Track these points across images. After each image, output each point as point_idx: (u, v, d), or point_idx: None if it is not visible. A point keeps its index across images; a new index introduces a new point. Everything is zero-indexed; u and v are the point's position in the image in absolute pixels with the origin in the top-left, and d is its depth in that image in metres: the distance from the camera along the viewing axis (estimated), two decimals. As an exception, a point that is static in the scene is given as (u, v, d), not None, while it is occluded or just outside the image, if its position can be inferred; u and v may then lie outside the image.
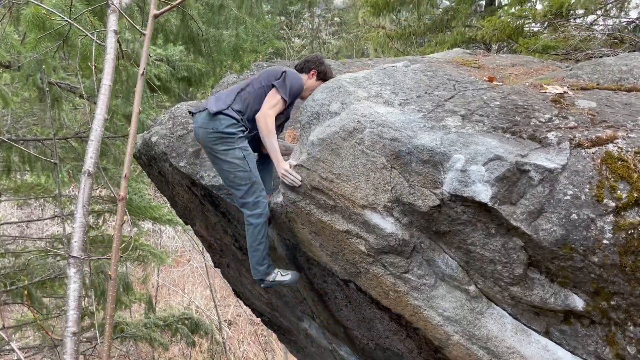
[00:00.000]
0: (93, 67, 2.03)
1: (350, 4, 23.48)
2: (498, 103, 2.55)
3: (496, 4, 13.18)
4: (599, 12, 7.20)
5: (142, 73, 1.56)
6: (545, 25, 7.78)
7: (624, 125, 2.31)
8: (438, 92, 2.75)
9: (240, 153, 2.91)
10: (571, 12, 7.33)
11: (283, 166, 2.79)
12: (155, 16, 1.62)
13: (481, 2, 13.58)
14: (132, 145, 2.00)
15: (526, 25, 8.30)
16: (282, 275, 3.08)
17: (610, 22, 6.92)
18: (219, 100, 2.97)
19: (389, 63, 6.39)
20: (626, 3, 6.86)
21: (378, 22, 15.79)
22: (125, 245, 3.44)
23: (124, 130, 5.44)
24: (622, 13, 7.11)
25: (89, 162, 2.08)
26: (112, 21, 2.07)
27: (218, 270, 5.36)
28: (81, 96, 5.26)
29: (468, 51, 7.97)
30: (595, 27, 7.68)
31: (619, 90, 2.69)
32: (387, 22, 15.76)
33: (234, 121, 2.92)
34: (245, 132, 2.99)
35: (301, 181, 2.71)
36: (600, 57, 5.84)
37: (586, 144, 2.21)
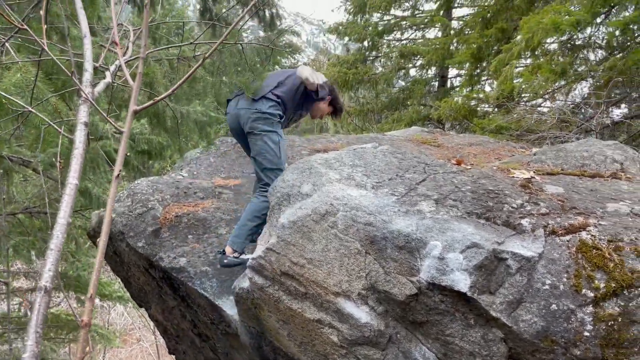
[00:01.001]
0: (58, 163, 1.88)
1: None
2: (469, 187, 2.56)
3: (448, 86, 13.93)
4: (547, 95, 7.68)
5: (117, 175, 1.43)
6: (497, 107, 8.20)
7: (593, 212, 2.34)
8: (409, 175, 2.74)
9: (276, 137, 3.28)
10: (521, 95, 7.78)
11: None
12: (136, 112, 1.53)
13: (434, 83, 14.33)
14: (101, 261, 1.72)
15: (480, 107, 8.74)
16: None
17: (558, 103, 7.35)
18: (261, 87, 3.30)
19: (352, 140, 6.50)
20: (571, 90, 7.35)
21: (338, 98, 16.31)
22: None
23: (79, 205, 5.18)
24: (569, 97, 7.60)
25: (47, 275, 1.68)
26: (83, 112, 1.92)
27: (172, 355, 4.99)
28: (35, 170, 5.02)
29: (426, 130, 8.25)
30: (544, 109, 8.16)
31: (583, 176, 2.76)
32: (346, 99, 16.32)
33: (275, 103, 3.29)
34: (283, 118, 3.37)
35: (270, 265, 2.58)
36: (554, 139, 6.14)
37: (560, 232, 2.21)
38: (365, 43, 13.69)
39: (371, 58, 14.13)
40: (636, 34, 7.24)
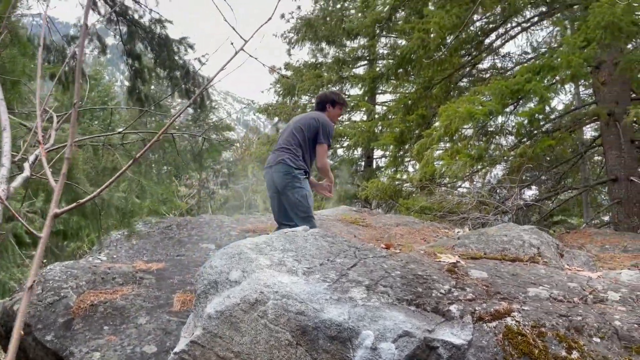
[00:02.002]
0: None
1: (239, 158, 24.45)
2: (399, 272, 2.58)
3: (374, 166, 14.49)
4: (465, 178, 8.17)
5: (30, 286, 1.30)
6: (421, 188, 8.57)
7: (516, 297, 2.42)
8: (340, 260, 2.73)
9: (304, 192, 4.08)
10: (442, 178, 8.22)
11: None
12: (56, 215, 1.43)
13: (361, 163, 14.88)
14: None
15: (404, 187, 9.11)
16: None
17: (477, 186, 7.82)
18: (288, 156, 4.12)
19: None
20: (487, 173, 7.86)
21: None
22: None
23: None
24: (486, 180, 8.11)
25: None
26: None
27: None
28: None
29: (354, 209, 8.42)
30: (463, 189, 8.63)
31: (504, 260, 2.88)
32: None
33: (302, 168, 4.15)
34: (306, 175, 4.21)
35: None
36: (475, 220, 6.45)
37: (487, 318, 2.25)
38: (295, 124, 14.06)
39: (300, 138, 14.48)
40: (542, 124, 7.99)
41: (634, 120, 6.93)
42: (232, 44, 1.31)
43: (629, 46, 8.54)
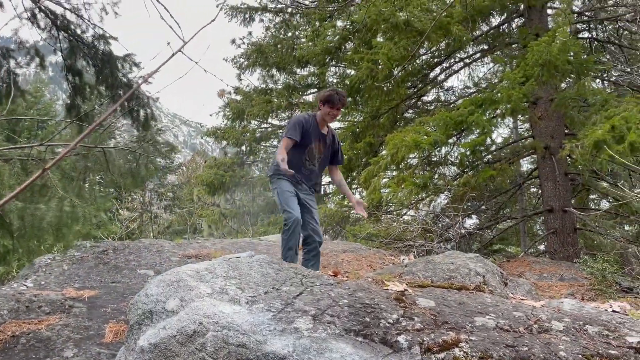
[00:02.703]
0: None
1: (184, 181, 23.87)
2: (346, 301, 2.50)
3: (322, 192, 14.49)
4: (411, 206, 8.28)
5: None
6: (368, 215, 8.60)
7: (464, 327, 2.38)
8: (286, 288, 2.62)
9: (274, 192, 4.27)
10: (389, 205, 8.30)
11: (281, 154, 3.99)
12: None
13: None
14: None
15: (352, 214, 9.11)
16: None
17: (421, 214, 7.93)
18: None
19: (227, 245, 6.27)
20: (432, 202, 8.00)
21: (213, 200, 16.11)
22: None
23: None
24: (430, 209, 8.25)
25: None
26: None
27: None
28: None
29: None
30: (408, 217, 8.73)
31: (451, 289, 2.86)
32: (222, 201, 16.15)
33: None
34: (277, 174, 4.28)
35: None
36: (420, 247, 6.51)
37: (435, 349, 2.20)
38: (243, 147, 13.95)
39: (249, 162, 14.36)
40: (483, 155, 8.26)
41: (569, 154, 7.27)
42: (168, 44, 1.22)
43: (563, 84, 9.06)
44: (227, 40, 15.30)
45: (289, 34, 14.90)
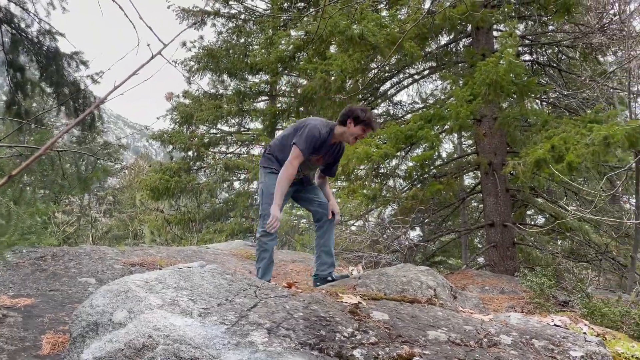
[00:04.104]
0: None
1: (126, 185, 23.05)
2: (301, 314, 2.47)
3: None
4: (360, 217, 8.37)
5: None
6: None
7: (417, 341, 2.41)
8: (240, 300, 2.56)
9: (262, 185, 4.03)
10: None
11: (276, 211, 3.70)
12: None
13: (257, 197, 14.70)
14: None
15: (301, 223, 9.09)
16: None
17: (371, 225, 8.02)
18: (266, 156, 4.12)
19: (173, 252, 6.09)
20: (381, 214, 8.11)
21: (156, 205, 15.63)
22: None
23: None
24: (379, 220, 8.35)
25: None
26: None
27: None
28: None
29: (249, 243, 8.20)
30: (357, 228, 8.80)
31: (403, 302, 2.89)
32: (166, 207, 15.70)
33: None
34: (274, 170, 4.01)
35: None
36: (369, 259, 6.57)
37: (390, 362, 2.21)
38: (191, 153, 13.66)
39: (195, 168, 14.07)
40: (431, 169, 8.47)
41: (511, 171, 7.58)
42: (148, 45, 1.16)
43: (506, 104, 9.46)
44: (176, 42, 15.00)
45: (242, 40, 14.79)
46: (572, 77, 9.88)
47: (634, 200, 7.14)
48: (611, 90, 9.18)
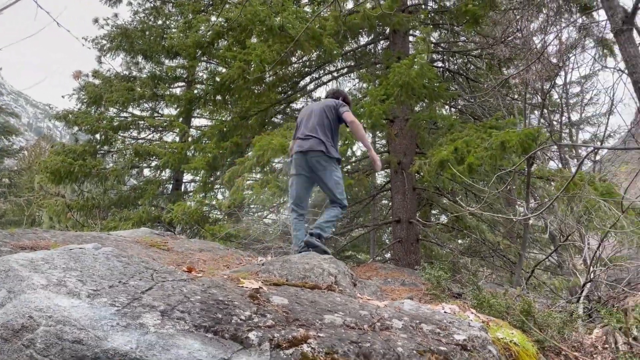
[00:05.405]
0: None
1: (25, 167, 21.39)
2: (199, 297, 2.43)
3: (182, 190, 13.99)
4: (272, 209, 8.37)
5: None
6: (228, 215, 8.50)
7: (313, 324, 2.46)
8: (134, 282, 2.47)
9: (340, 174, 4.96)
10: (251, 207, 8.28)
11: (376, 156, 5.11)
12: None
13: (168, 186, 14.23)
14: None
15: (212, 213, 8.93)
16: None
17: (282, 217, 8.05)
18: (325, 147, 4.85)
19: (70, 237, 5.74)
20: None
21: (57, 190, 14.65)
22: None
23: None
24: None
25: None
26: None
27: None
28: None
29: (156, 232, 7.92)
30: (269, 220, 8.80)
31: (304, 287, 2.94)
32: (68, 192, 14.74)
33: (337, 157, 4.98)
34: (339, 163, 5.10)
35: None
36: (278, 250, 6.58)
37: (284, 345, 2.23)
38: (98, 136, 12.93)
39: (103, 152, 13.34)
40: (344, 165, 8.63)
41: (417, 171, 7.94)
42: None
43: (418, 107, 9.89)
44: (89, 19, 14.15)
45: (160, 22, 14.22)
46: (478, 85, 10.52)
47: (524, 202, 7.75)
48: (512, 100, 9.90)
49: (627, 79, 5.65)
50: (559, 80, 12.12)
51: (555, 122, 12.85)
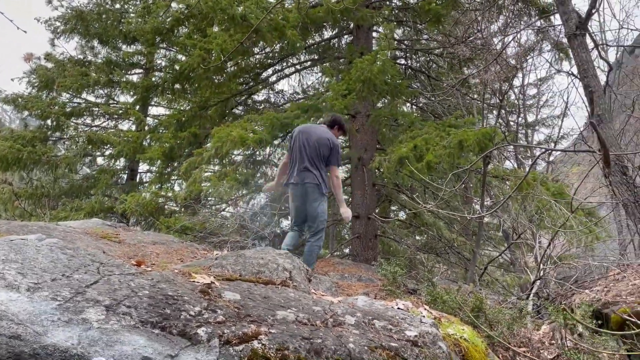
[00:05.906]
0: None
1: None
2: (147, 292, 2.35)
3: (137, 180, 13.63)
4: (230, 202, 8.25)
5: None
6: (185, 207, 8.33)
7: (265, 320, 2.42)
8: (79, 276, 2.37)
9: (325, 207, 5.37)
10: (208, 199, 8.14)
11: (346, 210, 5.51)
12: None
13: (123, 175, 13.83)
14: None
15: (168, 205, 8.72)
16: None
17: (240, 210, 7.95)
18: (320, 182, 5.24)
19: (15, 227, 5.48)
20: (251, 200, 8.07)
21: (4, 177, 13.99)
22: None
23: None
24: (249, 206, 8.31)
25: None
26: None
27: None
28: None
29: (108, 223, 7.68)
30: (227, 213, 8.68)
31: (258, 283, 2.89)
32: (16, 179, 14.11)
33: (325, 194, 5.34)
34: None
35: None
36: (234, 244, 6.50)
37: (234, 341, 2.19)
38: (49, 121, 12.41)
39: (54, 139, 12.81)
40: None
41: (377, 167, 7.99)
42: None
43: (380, 103, 9.95)
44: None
45: (117, 6, 13.75)
46: (439, 84, 10.68)
47: (480, 200, 7.94)
48: (471, 100, 10.10)
49: (579, 83, 5.85)
50: (517, 82, 12.47)
51: (512, 123, 13.21)
